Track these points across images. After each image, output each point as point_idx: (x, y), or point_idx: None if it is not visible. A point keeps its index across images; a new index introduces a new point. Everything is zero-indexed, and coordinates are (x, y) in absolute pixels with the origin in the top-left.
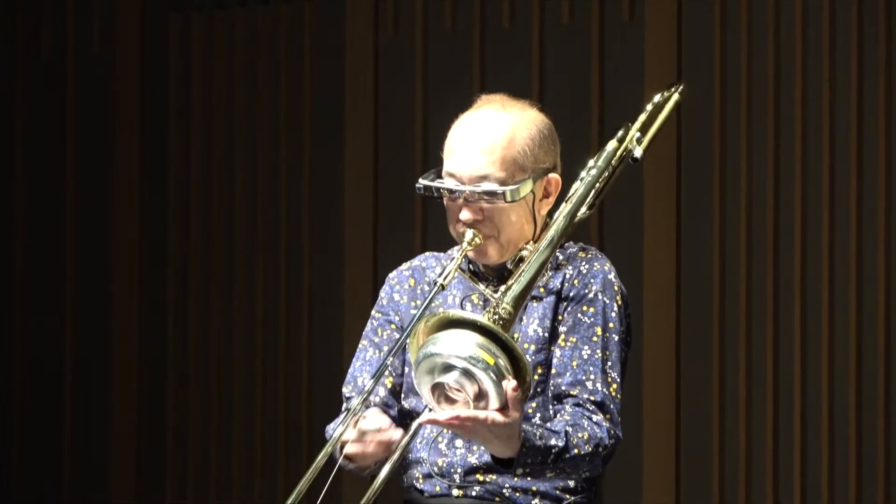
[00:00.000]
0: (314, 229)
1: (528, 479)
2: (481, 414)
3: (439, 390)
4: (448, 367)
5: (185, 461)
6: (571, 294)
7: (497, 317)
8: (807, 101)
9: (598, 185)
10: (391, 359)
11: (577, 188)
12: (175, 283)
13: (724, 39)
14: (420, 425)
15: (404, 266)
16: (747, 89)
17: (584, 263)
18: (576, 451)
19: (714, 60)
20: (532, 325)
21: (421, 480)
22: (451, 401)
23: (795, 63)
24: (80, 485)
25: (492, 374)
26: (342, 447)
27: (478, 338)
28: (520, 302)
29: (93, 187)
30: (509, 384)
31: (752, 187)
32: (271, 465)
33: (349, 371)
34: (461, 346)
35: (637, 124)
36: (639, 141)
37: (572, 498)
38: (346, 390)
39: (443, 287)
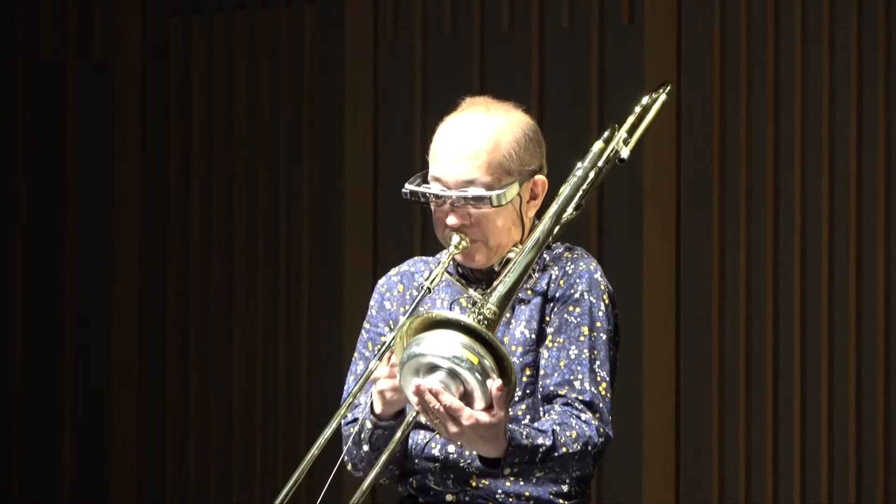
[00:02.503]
0: (314, 233)
1: (521, 482)
2: (466, 411)
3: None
4: (433, 368)
5: (186, 464)
6: (557, 295)
7: (482, 317)
8: (806, 104)
9: (584, 186)
10: (376, 363)
11: (564, 189)
12: (175, 283)
13: (723, 43)
14: (415, 417)
15: (392, 272)
16: (747, 92)
17: (569, 264)
18: (564, 449)
19: (713, 64)
20: (519, 326)
21: (414, 486)
22: None
23: (795, 66)
24: (80, 486)
25: (477, 374)
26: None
27: (462, 338)
28: (504, 302)
29: (93, 190)
30: (494, 383)
31: (752, 189)
32: (271, 469)
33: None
34: (445, 346)
35: (625, 126)
36: (626, 142)
37: (566, 503)
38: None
39: (429, 290)
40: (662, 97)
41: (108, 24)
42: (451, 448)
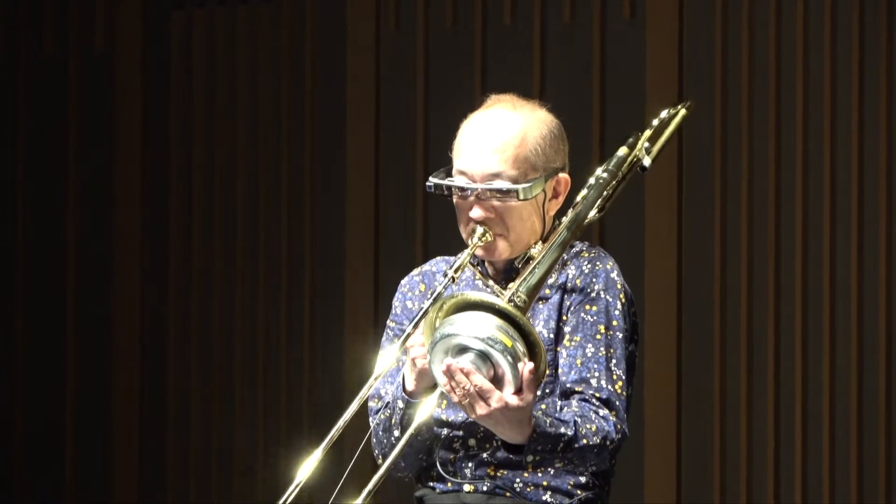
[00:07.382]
0: (316, 228)
1: (539, 473)
2: (496, 393)
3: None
4: (462, 350)
5: (187, 463)
6: (575, 293)
7: (513, 303)
8: (808, 98)
9: (607, 190)
10: (411, 328)
11: (587, 191)
12: (176, 282)
13: (725, 37)
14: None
15: (415, 272)
16: (748, 88)
17: (586, 263)
18: (584, 441)
19: (715, 59)
20: (538, 326)
21: (434, 476)
22: None
23: (797, 62)
24: (82, 485)
25: (508, 357)
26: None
27: (496, 320)
28: (533, 294)
29: (95, 185)
30: (526, 366)
31: (754, 187)
32: (272, 467)
33: (374, 385)
34: (479, 327)
35: (646, 134)
36: (647, 151)
37: (584, 494)
38: (372, 404)
39: (453, 279)
40: (682, 112)
41: (109, 18)
42: (472, 441)
